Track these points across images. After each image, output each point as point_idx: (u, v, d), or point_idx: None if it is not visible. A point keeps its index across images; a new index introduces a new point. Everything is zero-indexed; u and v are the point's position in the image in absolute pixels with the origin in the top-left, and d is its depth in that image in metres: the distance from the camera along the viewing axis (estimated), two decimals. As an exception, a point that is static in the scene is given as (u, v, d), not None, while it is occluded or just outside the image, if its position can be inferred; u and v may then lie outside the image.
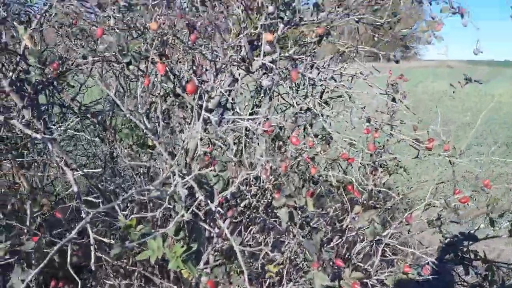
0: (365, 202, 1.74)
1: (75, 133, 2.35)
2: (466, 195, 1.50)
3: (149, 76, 1.47)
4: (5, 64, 2.06)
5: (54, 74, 1.44)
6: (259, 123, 1.16)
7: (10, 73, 1.55)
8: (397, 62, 1.91)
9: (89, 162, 3.07)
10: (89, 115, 2.74)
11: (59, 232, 2.12)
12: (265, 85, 1.21)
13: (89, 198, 1.54)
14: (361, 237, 1.84)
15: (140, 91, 1.33)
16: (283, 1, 1.29)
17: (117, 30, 1.47)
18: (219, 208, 1.15)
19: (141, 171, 2.28)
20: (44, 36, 2.42)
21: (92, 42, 2.40)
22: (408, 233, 1.70)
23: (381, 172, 1.68)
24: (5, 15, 1.65)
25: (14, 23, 1.62)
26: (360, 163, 1.43)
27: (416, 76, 19.39)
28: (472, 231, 1.96)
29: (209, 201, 1.09)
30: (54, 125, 2.67)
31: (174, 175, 1.12)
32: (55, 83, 1.98)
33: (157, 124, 1.85)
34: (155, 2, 1.56)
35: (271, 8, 1.23)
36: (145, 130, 1.23)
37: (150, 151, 1.73)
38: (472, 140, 7.72)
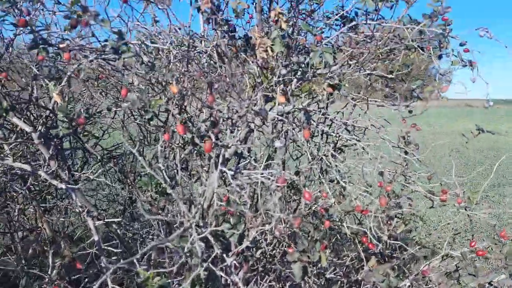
0: (381, 251, 1.73)
1: (97, 179, 2.44)
2: (484, 246, 1.48)
3: (170, 129, 1.54)
4: (33, 114, 2.18)
5: (80, 128, 1.52)
6: (273, 177, 1.21)
7: (40, 127, 1.65)
8: (410, 112, 1.95)
9: (109, 207, 3.13)
10: (110, 160, 2.83)
11: (77, 278, 2.15)
12: (277, 146, 1.26)
13: (109, 248, 1.58)
14: (379, 287, 1.81)
15: (160, 145, 1.39)
16: (297, 60, 1.36)
17: (141, 86, 1.56)
18: (234, 262, 1.18)
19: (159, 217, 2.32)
20: (71, 87, 2.56)
21: (117, 92, 2.53)
22: (427, 285, 1.67)
23: (396, 222, 1.68)
24: (37, 72, 1.78)
25: (45, 79, 1.74)
26: (374, 215, 1.44)
27: (434, 115, 19.29)
28: (493, 281, 1.91)
29: (224, 256, 1.12)
30: (77, 170, 2.77)
31: (191, 228, 1.16)
32: (78, 129, 2.09)
33: (175, 171, 1.91)
34: (176, 60, 1.66)
35: (283, 71, 1.30)
36: (163, 184, 1.28)
37: (169, 203, 1.78)
38: (493, 180, 7.54)
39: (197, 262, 1.08)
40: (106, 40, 1.33)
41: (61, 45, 1.31)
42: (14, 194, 2.48)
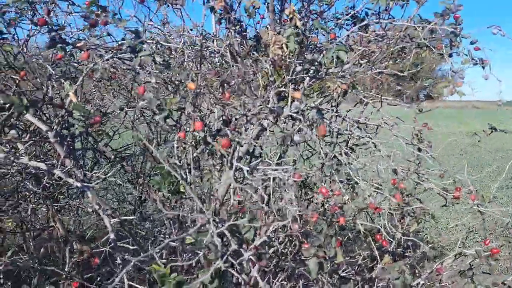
0: (393, 250, 1.73)
1: (109, 179, 2.46)
2: (497, 245, 1.48)
3: (184, 128, 1.55)
4: (45, 114, 2.21)
5: (95, 128, 1.54)
6: (289, 173, 1.21)
7: (55, 126, 1.67)
8: (420, 111, 1.95)
9: (119, 207, 3.16)
10: (122, 160, 2.86)
11: (89, 277, 2.17)
12: (296, 141, 1.27)
13: (124, 245, 1.59)
14: (391, 285, 1.81)
15: (175, 143, 1.41)
16: (312, 58, 1.37)
17: (156, 86, 1.58)
18: (251, 257, 1.19)
19: (171, 216, 2.34)
20: (83, 87, 2.59)
21: (128, 92, 2.56)
22: (440, 283, 1.67)
23: (409, 220, 1.68)
24: (52, 71, 1.80)
25: (61, 79, 1.77)
26: (389, 211, 1.45)
27: (441, 117, 19.22)
28: (506, 281, 1.90)
29: (242, 250, 1.13)
30: (88, 170, 2.79)
31: (208, 223, 1.17)
32: (91, 129, 2.11)
33: (187, 170, 1.92)
34: (189, 59, 1.68)
35: (299, 68, 1.31)
36: (181, 182, 1.30)
37: (182, 197, 1.80)
38: (502, 182, 7.48)
39: (216, 256, 1.09)
40: (122, 39, 1.35)
41: (78, 44, 1.33)
42: (27, 194, 2.50)
